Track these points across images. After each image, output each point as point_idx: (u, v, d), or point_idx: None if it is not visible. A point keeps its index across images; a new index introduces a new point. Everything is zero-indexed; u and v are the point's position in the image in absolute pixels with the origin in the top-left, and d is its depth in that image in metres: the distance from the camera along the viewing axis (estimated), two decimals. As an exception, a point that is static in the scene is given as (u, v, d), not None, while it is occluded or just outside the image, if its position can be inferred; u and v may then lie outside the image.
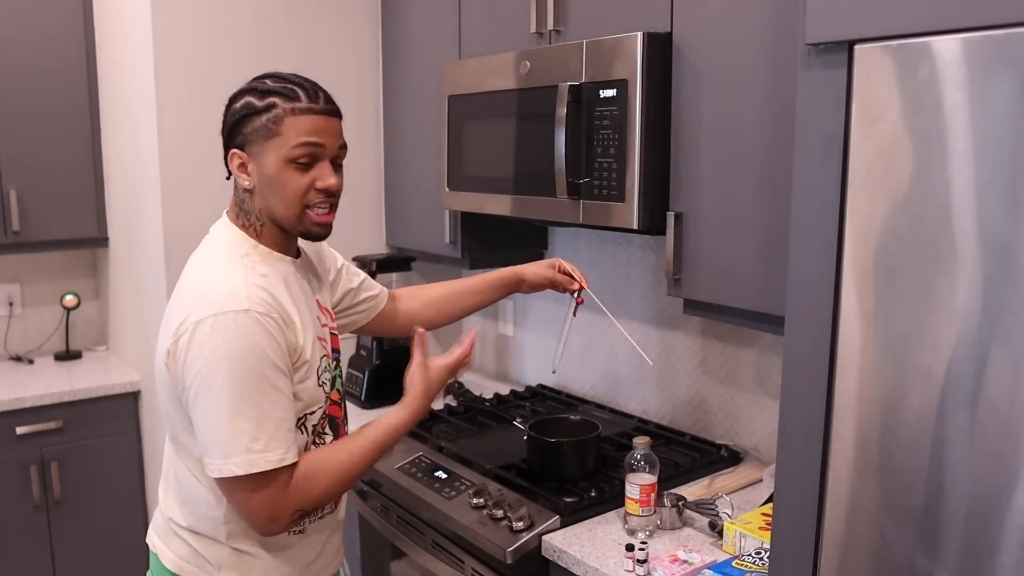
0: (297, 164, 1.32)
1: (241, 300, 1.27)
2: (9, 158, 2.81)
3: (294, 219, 1.36)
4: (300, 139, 1.31)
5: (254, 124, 1.32)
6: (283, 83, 1.34)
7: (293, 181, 1.33)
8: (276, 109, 1.31)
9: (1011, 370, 0.95)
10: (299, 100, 1.32)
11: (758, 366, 2.06)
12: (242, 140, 1.33)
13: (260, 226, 1.38)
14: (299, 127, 1.31)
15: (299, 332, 1.35)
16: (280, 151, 1.31)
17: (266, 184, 1.34)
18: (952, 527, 1.02)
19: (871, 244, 1.07)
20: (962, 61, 0.96)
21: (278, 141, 1.31)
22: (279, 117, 1.31)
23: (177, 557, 1.42)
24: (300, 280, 1.43)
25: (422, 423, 2.31)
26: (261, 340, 1.26)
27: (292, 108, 1.31)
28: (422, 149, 2.58)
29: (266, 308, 1.28)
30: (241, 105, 1.33)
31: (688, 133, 1.70)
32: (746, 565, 1.50)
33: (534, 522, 1.73)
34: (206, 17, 2.45)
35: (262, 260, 1.37)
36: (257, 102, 1.32)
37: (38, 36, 2.80)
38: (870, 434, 1.09)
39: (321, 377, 1.41)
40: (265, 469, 1.26)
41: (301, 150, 1.31)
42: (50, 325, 3.21)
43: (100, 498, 2.82)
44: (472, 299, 1.85)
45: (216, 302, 1.27)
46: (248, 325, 1.26)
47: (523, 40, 2.09)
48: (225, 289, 1.28)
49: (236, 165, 1.35)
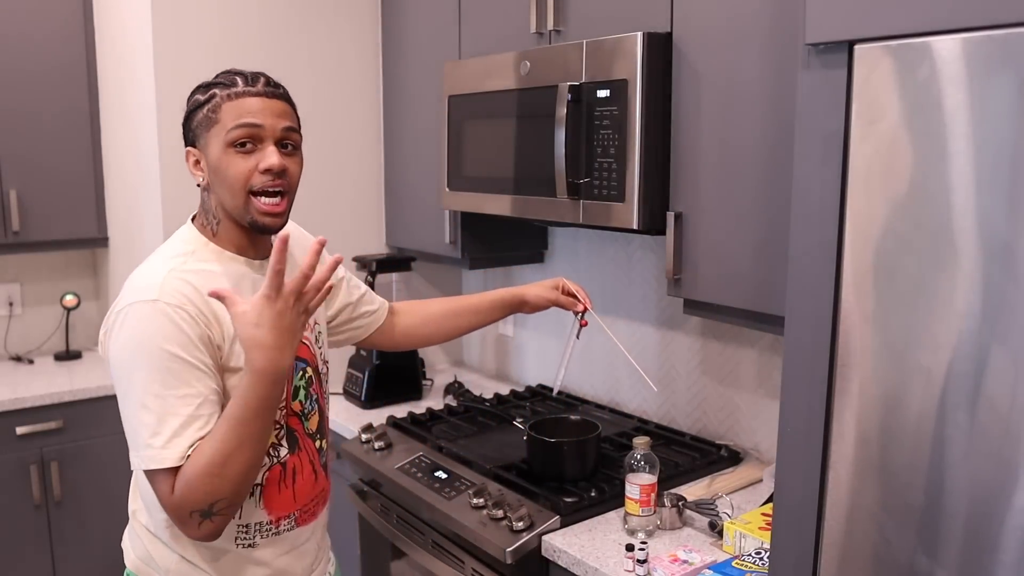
0: (237, 148, 1.29)
1: (152, 290, 1.25)
2: (9, 158, 2.81)
3: (241, 207, 1.31)
4: (238, 121, 1.29)
5: (198, 117, 1.32)
6: (226, 75, 1.34)
7: (235, 165, 1.29)
8: (215, 99, 1.30)
9: (1011, 370, 0.95)
10: (236, 85, 1.30)
11: (758, 366, 2.06)
12: (192, 136, 1.33)
13: (217, 224, 1.36)
14: (236, 110, 1.29)
15: (227, 333, 1.29)
16: (220, 137, 1.29)
17: (213, 175, 1.32)
18: (952, 527, 1.02)
19: (871, 244, 1.07)
20: (962, 61, 0.96)
21: (217, 128, 1.30)
22: (217, 105, 1.30)
23: (136, 558, 1.41)
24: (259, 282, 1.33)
25: (422, 422, 2.32)
26: (167, 332, 1.22)
27: (228, 94, 1.30)
28: (422, 149, 2.58)
29: (179, 300, 1.24)
30: (190, 103, 1.34)
31: (688, 133, 1.70)
32: (746, 565, 1.50)
33: (534, 522, 1.73)
34: (206, 18, 2.45)
35: (212, 258, 1.34)
36: (200, 96, 1.33)
37: (38, 36, 2.80)
38: (870, 434, 1.09)
39: None
40: (163, 467, 1.21)
41: (238, 132, 1.28)
42: (50, 325, 3.21)
43: (100, 498, 2.82)
44: (472, 318, 1.82)
45: (135, 292, 1.26)
46: (152, 316, 1.23)
47: (523, 40, 2.09)
48: (145, 281, 1.27)
49: (191, 163, 1.35)
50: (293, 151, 1.35)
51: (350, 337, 1.72)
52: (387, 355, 2.58)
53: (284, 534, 1.41)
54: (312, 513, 1.46)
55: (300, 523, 1.43)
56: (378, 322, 1.74)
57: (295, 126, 1.35)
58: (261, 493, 1.37)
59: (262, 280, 1.27)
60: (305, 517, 1.44)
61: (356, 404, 2.59)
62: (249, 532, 1.37)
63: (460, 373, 2.95)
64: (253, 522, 1.37)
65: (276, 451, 1.38)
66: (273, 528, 1.39)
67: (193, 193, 1.27)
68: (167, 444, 1.21)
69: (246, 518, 1.36)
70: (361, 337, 1.74)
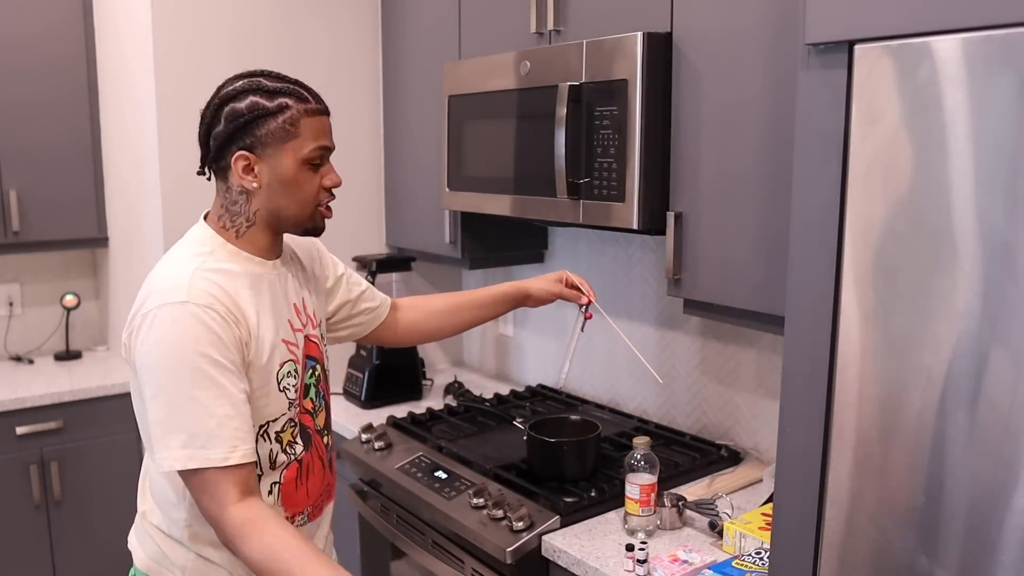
0: (311, 165, 1.34)
1: (181, 292, 1.25)
2: (9, 158, 2.81)
3: (306, 218, 1.37)
4: (318, 142, 1.34)
5: (269, 126, 1.30)
6: (283, 83, 1.33)
7: (309, 182, 1.35)
8: (290, 110, 1.31)
9: (1011, 370, 0.95)
10: (309, 101, 1.33)
11: (758, 366, 2.06)
12: (253, 142, 1.30)
13: (247, 227, 1.37)
14: (313, 128, 1.33)
15: (253, 331, 1.31)
16: (298, 152, 1.32)
17: (279, 185, 1.33)
18: (952, 527, 1.02)
19: (871, 244, 1.07)
20: (962, 61, 0.96)
21: (295, 143, 1.31)
22: (295, 119, 1.31)
23: (147, 557, 1.41)
24: (275, 282, 1.40)
25: (422, 422, 2.33)
26: (198, 333, 1.24)
27: (305, 109, 1.32)
28: (422, 149, 2.58)
29: (208, 300, 1.26)
30: (247, 106, 1.29)
31: (688, 133, 1.70)
32: (746, 565, 1.50)
33: (534, 522, 1.73)
34: (206, 17, 2.45)
35: (229, 258, 1.35)
36: (267, 103, 1.30)
37: (38, 36, 2.80)
38: (870, 434, 1.09)
39: (282, 383, 1.37)
40: (204, 466, 1.22)
41: (318, 152, 1.34)
42: (50, 325, 3.21)
43: (100, 498, 2.82)
44: (475, 313, 1.81)
45: (159, 295, 1.26)
46: (184, 317, 1.24)
47: (523, 40, 2.09)
48: (169, 282, 1.27)
49: (241, 167, 1.32)
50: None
51: (352, 333, 1.72)
52: (387, 355, 2.58)
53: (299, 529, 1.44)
54: (319, 508, 1.49)
55: (311, 517, 1.47)
56: (379, 319, 1.74)
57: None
58: (280, 491, 1.39)
59: (277, 280, 1.39)
60: (315, 512, 1.47)
61: (356, 404, 2.59)
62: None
63: (460, 373, 2.95)
64: None
65: (293, 449, 1.40)
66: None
67: (193, 194, 1.28)
68: (206, 444, 1.23)
69: None
70: (363, 334, 1.74)
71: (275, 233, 1.39)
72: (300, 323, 1.44)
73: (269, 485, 1.37)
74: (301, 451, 1.41)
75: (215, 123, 1.32)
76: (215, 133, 1.32)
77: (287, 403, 1.38)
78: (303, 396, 1.43)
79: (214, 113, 1.32)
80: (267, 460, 1.36)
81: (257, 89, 1.31)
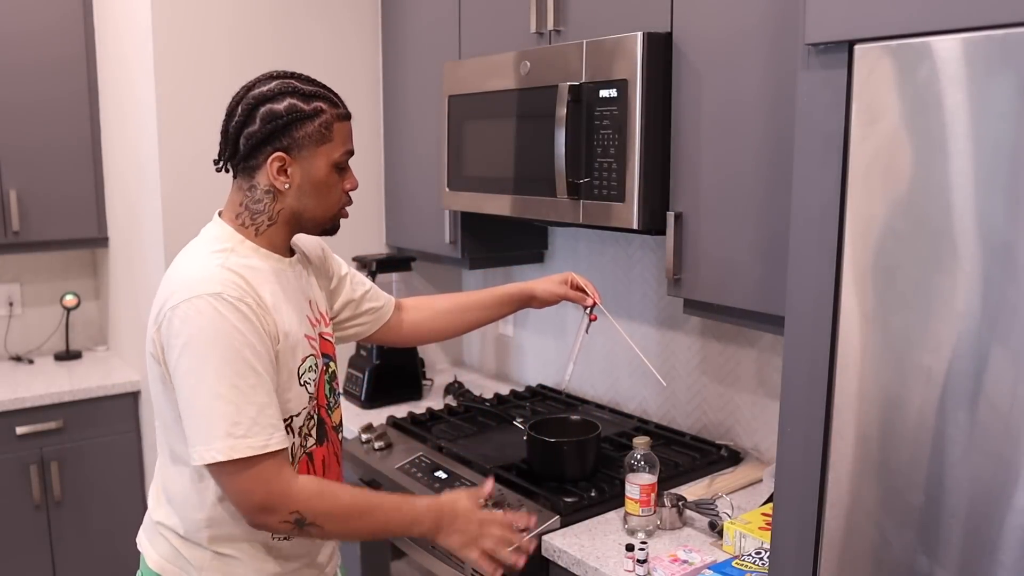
0: (338, 168, 1.38)
1: (213, 284, 1.27)
2: (9, 158, 2.81)
3: (329, 219, 1.41)
4: (347, 146, 1.38)
5: (306, 129, 1.33)
6: (315, 86, 1.36)
7: (336, 184, 1.39)
8: (325, 115, 1.34)
9: (1011, 369, 0.95)
10: (340, 107, 1.37)
11: (758, 366, 2.06)
12: (289, 143, 1.33)
13: (268, 226, 1.38)
14: (343, 133, 1.38)
15: (278, 325, 1.33)
16: (331, 156, 1.36)
17: (310, 187, 1.36)
18: (952, 527, 1.02)
19: (871, 244, 1.07)
20: (962, 61, 0.96)
21: (329, 147, 1.35)
22: (329, 122, 1.35)
23: (160, 557, 1.41)
24: (292, 278, 1.42)
25: (422, 422, 2.33)
26: (235, 321, 1.25)
27: (337, 114, 1.36)
28: (422, 149, 2.58)
29: (239, 293, 1.28)
30: (286, 108, 1.32)
31: (688, 133, 1.70)
32: (746, 565, 1.50)
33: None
34: (206, 16, 2.45)
35: (249, 254, 1.36)
36: (304, 106, 1.32)
37: (38, 36, 2.80)
38: (870, 434, 1.09)
39: (303, 377, 1.39)
40: (247, 455, 1.24)
41: (346, 156, 1.39)
42: (50, 325, 3.21)
43: (100, 498, 2.82)
44: (480, 314, 1.82)
45: (189, 287, 1.27)
46: (220, 307, 1.25)
47: (523, 40, 2.09)
48: (198, 275, 1.29)
49: (276, 168, 1.34)
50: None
51: (356, 333, 1.73)
52: (387, 355, 2.58)
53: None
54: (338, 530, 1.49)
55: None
56: (383, 319, 1.75)
57: None
58: None
59: (294, 276, 1.42)
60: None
61: (356, 404, 2.59)
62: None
63: (460, 373, 2.95)
64: None
65: (305, 441, 1.42)
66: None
67: (193, 194, 1.28)
68: (246, 433, 1.25)
69: None
70: (367, 333, 1.75)
71: (292, 232, 1.42)
72: (316, 319, 1.46)
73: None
74: (312, 444, 1.43)
75: (249, 123, 1.33)
76: (248, 132, 1.33)
77: (308, 397, 1.40)
78: (320, 391, 1.45)
79: (248, 112, 1.33)
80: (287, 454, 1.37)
81: (293, 92, 1.33)
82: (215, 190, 2.49)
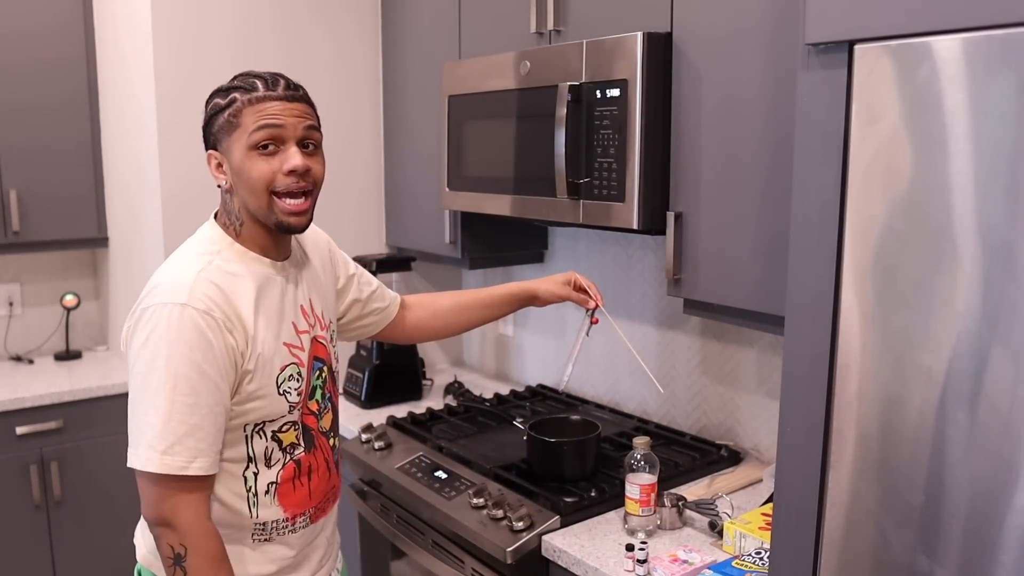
0: (260, 150, 1.30)
1: (182, 293, 1.26)
2: (9, 158, 2.81)
3: (265, 208, 1.33)
4: (260, 123, 1.30)
5: (219, 122, 1.33)
6: (245, 78, 1.34)
7: (257, 168, 1.30)
8: (235, 103, 1.31)
9: (1011, 369, 0.95)
10: (256, 90, 1.31)
11: (758, 366, 2.06)
12: (213, 140, 1.35)
13: (240, 225, 1.37)
14: (256, 114, 1.30)
15: (250, 338, 1.31)
16: (241, 141, 1.31)
17: (236, 177, 1.33)
18: (952, 526, 1.02)
19: (871, 243, 1.07)
20: (962, 61, 0.96)
21: (239, 132, 1.31)
22: (238, 109, 1.31)
23: (147, 551, 1.42)
24: (282, 283, 1.40)
25: (422, 422, 2.33)
26: (190, 338, 1.24)
27: (249, 99, 1.31)
28: (422, 149, 2.58)
29: (207, 305, 1.26)
30: (210, 107, 1.34)
31: (688, 133, 1.70)
32: (746, 565, 1.50)
33: (534, 522, 1.73)
34: (205, 17, 2.45)
35: (236, 259, 1.35)
36: (221, 100, 1.33)
37: (38, 36, 2.80)
38: (870, 434, 1.09)
39: (282, 386, 1.36)
40: (160, 472, 1.23)
41: (260, 134, 1.29)
42: (50, 325, 3.21)
43: (100, 498, 2.82)
44: (482, 312, 1.82)
45: (161, 293, 1.27)
46: (180, 320, 1.24)
47: (523, 40, 2.09)
48: (173, 282, 1.28)
49: (213, 166, 1.36)
50: (315, 150, 1.36)
51: (361, 333, 1.73)
52: (387, 355, 2.58)
53: (299, 530, 1.43)
54: (323, 509, 1.48)
55: (314, 519, 1.46)
56: (389, 318, 1.75)
57: (315, 124, 1.36)
58: (276, 491, 1.38)
59: (285, 282, 1.38)
60: (318, 514, 1.47)
61: (356, 404, 2.59)
62: (266, 529, 1.39)
63: (460, 373, 2.95)
64: (270, 520, 1.38)
65: (292, 449, 1.40)
66: (289, 525, 1.41)
67: (193, 193, 1.29)
68: (168, 450, 1.24)
69: (263, 516, 1.38)
70: (372, 332, 1.75)
71: (266, 231, 1.37)
72: (307, 324, 1.44)
73: (266, 484, 1.37)
74: (300, 452, 1.41)
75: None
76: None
77: (287, 406, 1.37)
78: (308, 398, 1.42)
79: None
80: (263, 457, 1.36)
81: (220, 89, 1.35)
82: (215, 190, 2.49)
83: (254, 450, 1.35)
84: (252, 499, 1.36)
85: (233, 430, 1.32)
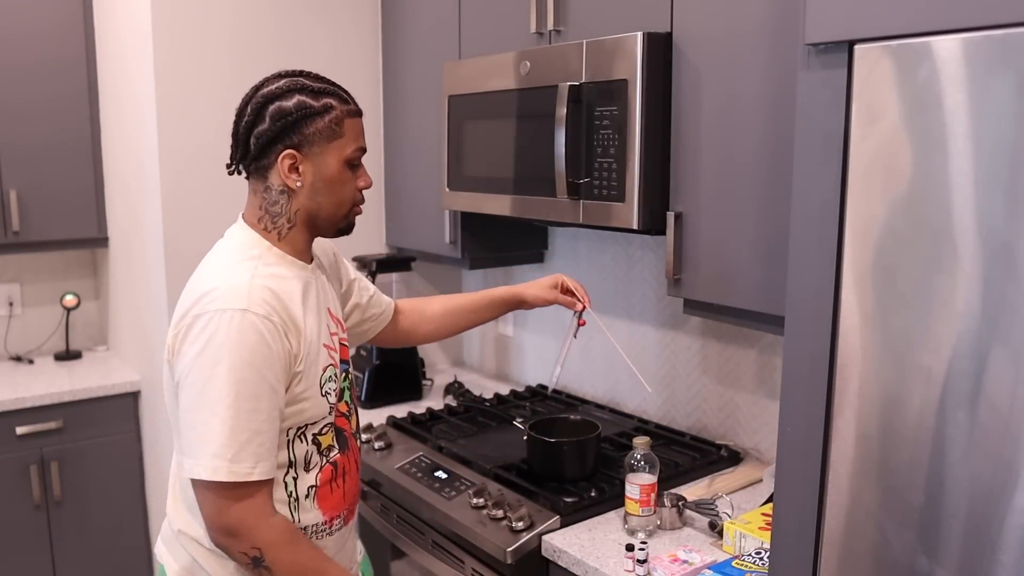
0: (351, 165, 1.37)
1: (241, 299, 1.25)
2: (9, 158, 2.81)
3: (341, 217, 1.40)
4: (359, 142, 1.36)
5: (316, 125, 1.31)
6: (324, 83, 1.35)
7: (350, 181, 1.38)
8: (335, 111, 1.32)
9: (1011, 369, 0.95)
10: (350, 103, 1.35)
11: (758, 366, 2.06)
12: (300, 140, 1.31)
13: (288, 228, 1.37)
14: (354, 129, 1.36)
15: (302, 339, 1.31)
16: (342, 152, 1.34)
17: (323, 184, 1.34)
18: (952, 527, 1.02)
19: (871, 244, 1.07)
20: (962, 61, 0.96)
21: (340, 143, 1.33)
22: (339, 119, 1.33)
23: (181, 568, 1.39)
24: (316, 286, 1.41)
25: (422, 422, 2.33)
26: (252, 344, 1.23)
27: (347, 110, 1.34)
28: (422, 149, 2.58)
29: (266, 310, 1.26)
30: (295, 104, 1.30)
31: (688, 133, 1.70)
32: (746, 565, 1.50)
33: (534, 522, 1.73)
34: (206, 17, 2.45)
35: (276, 262, 1.35)
36: (313, 103, 1.31)
37: (38, 36, 2.80)
38: (870, 434, 1.09)
39: (324, 387, 1.37)
40: (229, 480, 1.23)
41: (358, 153, 1.37)
42: (50, 325, 3.21)
43: (100, 498, 2.82)
44: (471, 317, 1.83)
45: (216, 299, 1.25)
46: (243, 326, 1.23)
47: (523, 40, 2.09)
48: (227, 286, 1.26)
49: (287, 166, 1.32)
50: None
51: (358, 338, 1.75)
52: (387, 355, 2.58)
53: (335, 533, 1.44)
54: (352, 511, 1.50)
55: (346, 522, 1.47)
56: (384, 323, 1.76)
57: None
58: (315, 494, 1.38)
59: (320, 285, 1.41)
60: (349, 516, 1.48)
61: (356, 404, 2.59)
62: (307, 534, 1.38)
63: (460, 373, 2.95)
64: (311, 524, 1.39)
65: (329, 452, 1.40)
66: (327, 528, 1.42)
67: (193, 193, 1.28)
68: (235, 457, 1.23)
69: (304, 520, 1.37)
70: (367, 337, 1.76)
71: (312, 235, 1.40)
72: (335, 326, 1.45)
73: (306, 488, 1.37)
74: (336, 454, 1.42)
75: (258, 122, 1.31)
76: (258, 132, 1.31)
77: (328, 407, 1.38)
78: (339, 399, 1.43)
79: (257, 111, 1.31)
80: (302, 462, 1.36)
81: (302, 89, 1.32)
82: (215, 190, 2.49)
83: (295, 454, 1.35)
84: (293, 504, 1.36)
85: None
